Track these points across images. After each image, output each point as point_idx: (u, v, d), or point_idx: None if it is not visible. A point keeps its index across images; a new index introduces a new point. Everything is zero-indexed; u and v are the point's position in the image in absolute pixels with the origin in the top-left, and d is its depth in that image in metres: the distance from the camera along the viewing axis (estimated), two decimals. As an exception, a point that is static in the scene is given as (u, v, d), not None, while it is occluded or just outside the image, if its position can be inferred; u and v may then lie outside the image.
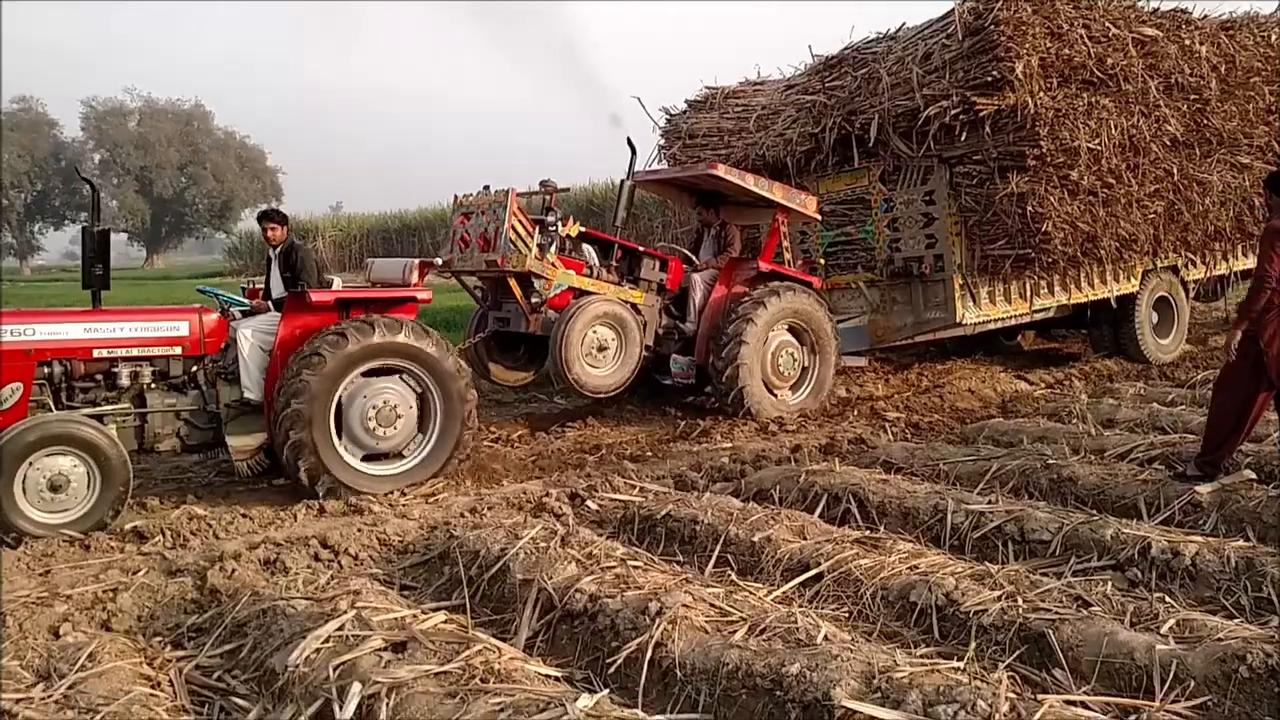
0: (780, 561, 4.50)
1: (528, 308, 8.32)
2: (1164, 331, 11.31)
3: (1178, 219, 10.67)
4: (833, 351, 9.38)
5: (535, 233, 8.20)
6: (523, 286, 8.31)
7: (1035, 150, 9.20)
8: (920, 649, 3.55)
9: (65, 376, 6.14)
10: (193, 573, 4.86)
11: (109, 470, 5.76)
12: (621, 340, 8.41)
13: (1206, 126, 10.83)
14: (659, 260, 9.15)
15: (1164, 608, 3.67)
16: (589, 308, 8.22)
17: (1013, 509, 4.95)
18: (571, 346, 8.07)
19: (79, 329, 6.17)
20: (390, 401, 6.55)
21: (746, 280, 9.18)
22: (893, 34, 10.38)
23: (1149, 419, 7.32)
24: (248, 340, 6.55)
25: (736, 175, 9.16)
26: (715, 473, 6.84)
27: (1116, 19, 10.00)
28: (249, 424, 6.57)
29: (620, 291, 8.69)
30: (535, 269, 8.15)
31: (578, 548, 4.54)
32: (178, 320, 6.51)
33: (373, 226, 45.89)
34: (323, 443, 6.30)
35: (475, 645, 3.47)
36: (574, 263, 8.62)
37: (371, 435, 6.52)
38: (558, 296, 8.38)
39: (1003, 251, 9.70)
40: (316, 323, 6.57)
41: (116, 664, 3.67)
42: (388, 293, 6.97)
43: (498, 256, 8.04)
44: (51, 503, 5.65)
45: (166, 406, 6.42)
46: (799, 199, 9.45)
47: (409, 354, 6.62)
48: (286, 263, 7.28)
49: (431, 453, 6.78)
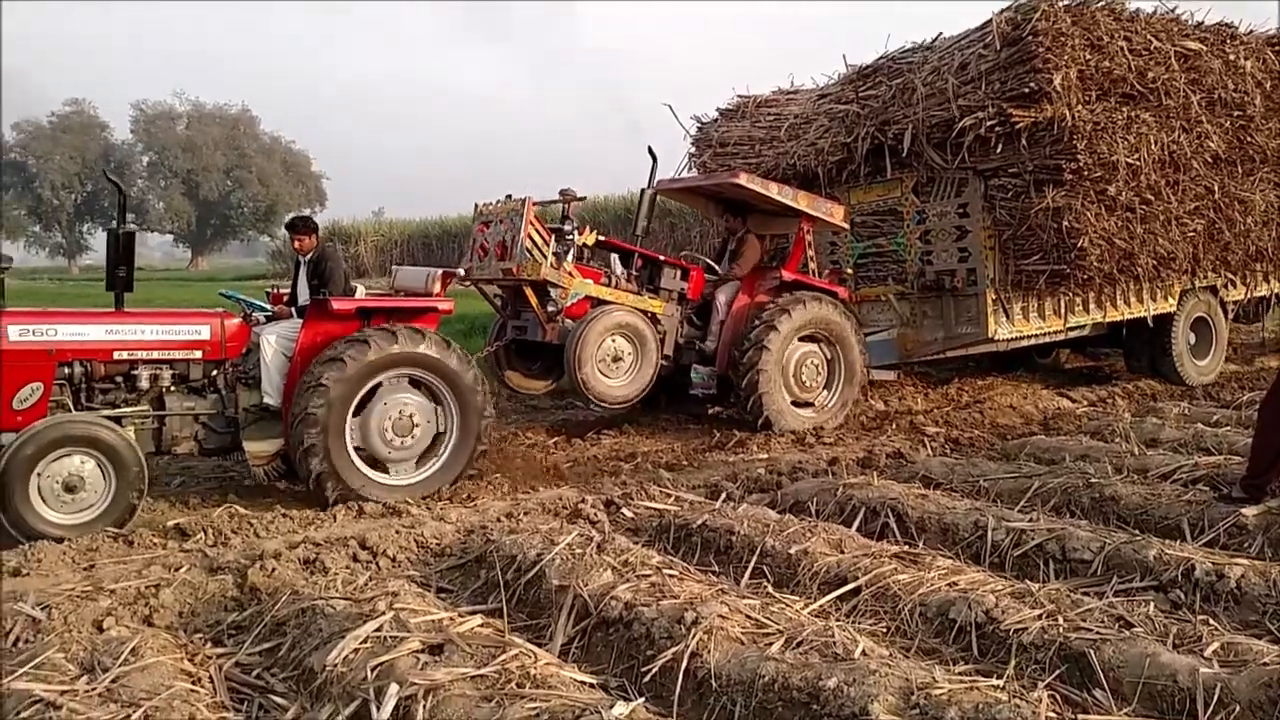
0: (817, 575, 4.47)
1: (544, 316, 8.28)
2: (1202, 353, 11.07)
3: (1218, 238, 10.47)
4: (858, 364, 9.23)
5: (551, 241, 8.16)
6: (539, 295, 8.27)
7: (1072, 164, 9.08)
8: (959, 666, 3.51)
9: (85, 377, 6.19)
10: (233, 570, 4.92)
11: (125, 472, 5.80)
12: (638, 352, 8.31)
13: (1250, 144, 10.65)
14: (680, 269, 9.07)
15: (1208, 630, 3.60)
16: (604, 318, 8.15)
17: (1054, 527, 4.88)
18: (586, 358, 8.00)
19: (100, 330, 6.21)
20: (408, 411, 6.54)
21: (770, 290, 9.11)
22: (929, 44, 10.30)
23: (1193, 439, 7.20)
24: (270, 346, 6.58)
25: (760, 184, 9.09)
26: (751, 483, 6.82)
27: (1159, 32, 9.88)
28: (267, 429, 6.60)
29: (639, 301, 8.60)
30: (551, 277, 8.10)
31: (613, 555, 4.54)
32: (199, 324, 6.54)
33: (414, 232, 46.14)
34: (336, 448, 6.29)
35: (511, 650, 3.48)
36: (591, 271, 8.57)
37: (387, 444, 6.51)
38: (575, 305, 8.31)
39: (1037, 267, 9.57)
40: (338, 330, 6.57)
41: (158, 659, 3.71)
42: (409, 302, 6.97)
43: (514, 265, 8.03)
44: (67, 503, 5.70)
45: (185, 410, 6.46)
46: (825, 208, 9.37)
47: (430, 365, 6.60)
48: (316, 270, 7.20)
49: (445, 465, 6.75)
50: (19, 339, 5.90)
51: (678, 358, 8.95)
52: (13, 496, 5.52)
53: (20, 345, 5.90)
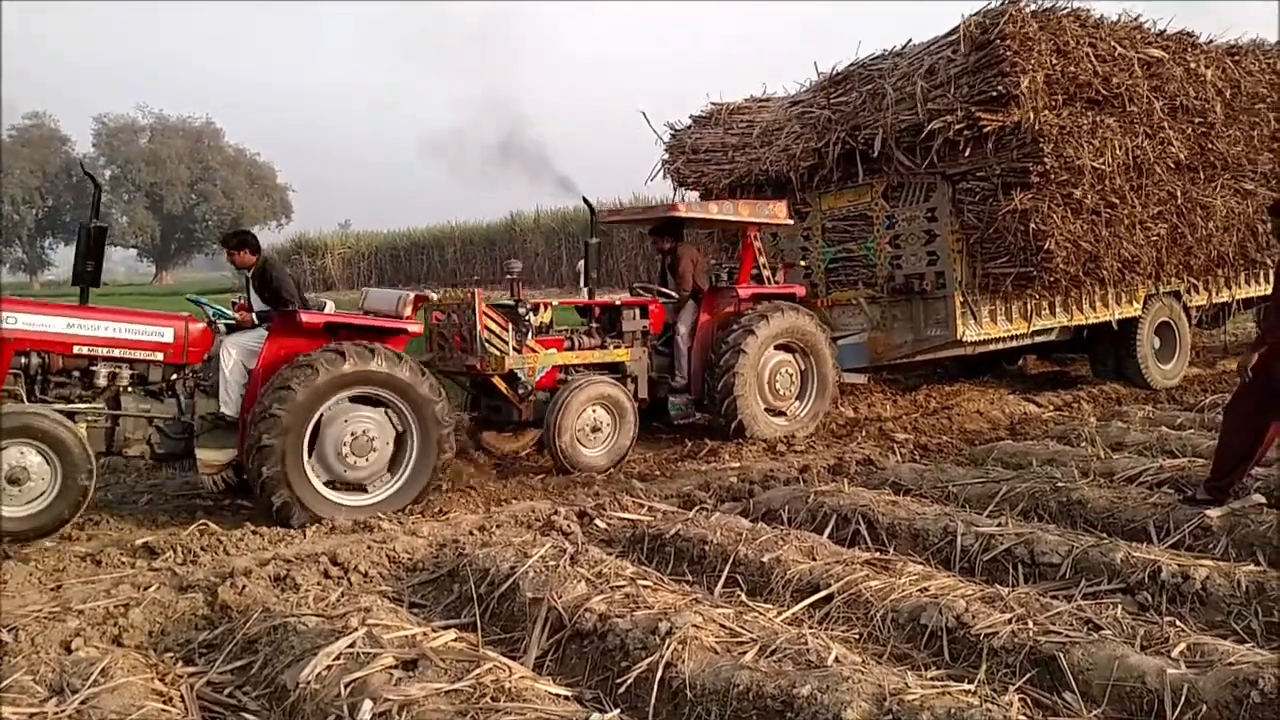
0: (790, 582, 4.50)
1: (516, 399, 8.17)
2: (1166, 357, 11.24)
3: (1181, 242, 10.65)
4: (831, 375, 9.31)
5: (509, 327, 8.03)
6: (509, 381, 8.12)
7: (1039, 167, 9.21)
8: (931, 671, 3.54)
9: (41, 369, 6.07)
10: (204, 589, 4.87)
11: (72, 468, 5.69)
12: (615, 420, 8.17)
13: (1211, 150, 10.85)
14: (638, 309, 9.01)
15: (1175, 631, 3.66)
16: (581, 392, 7.97)
17: (1022, 531, 4.94)
18: (565, 432, 7.84)
19: (61, 323, 6.10)
20: (366, 431, 6.44)
21: (729, 306, 9.14)
22: (899, 50, 10.41)
23: (1158, 442, 7.31)
24: (230, 356, 6.48)
25: (699, 209, 9.21)
26: (723, 492, 6.85)
27: (1123, 39, 10.04)
28: (220, 439, 6.49)
29: (605, 355, 8.55)
30: (515, 365, 8.00)
31: (587, 566, 4.55)
32: (163, 326, 6.44)
33: (381, 244, 46.00)
34: (296, 477, 6.18)
35: (485, 664, 3.48)
36: (553, 340, 8.47)
37: (344, 464, 6.40)
38: (545, 377, 8.23)
39: (1004, 269, 9.70)
40: (304, 345, 6.44)
41: (128, 679, 3.67)
42: (378, 322, 6.87)
43: (476, 361, 7.89)
44: (12, 495, 5.57)
45: (140, 411, 6.35)
46: (765, 210, 9.41)
47: (382, 382, 6.46)
48: (263, 283, 6.97)
49: (407, 483, 6.64)
50: None
51: (653, 393, 8.91)
52: None
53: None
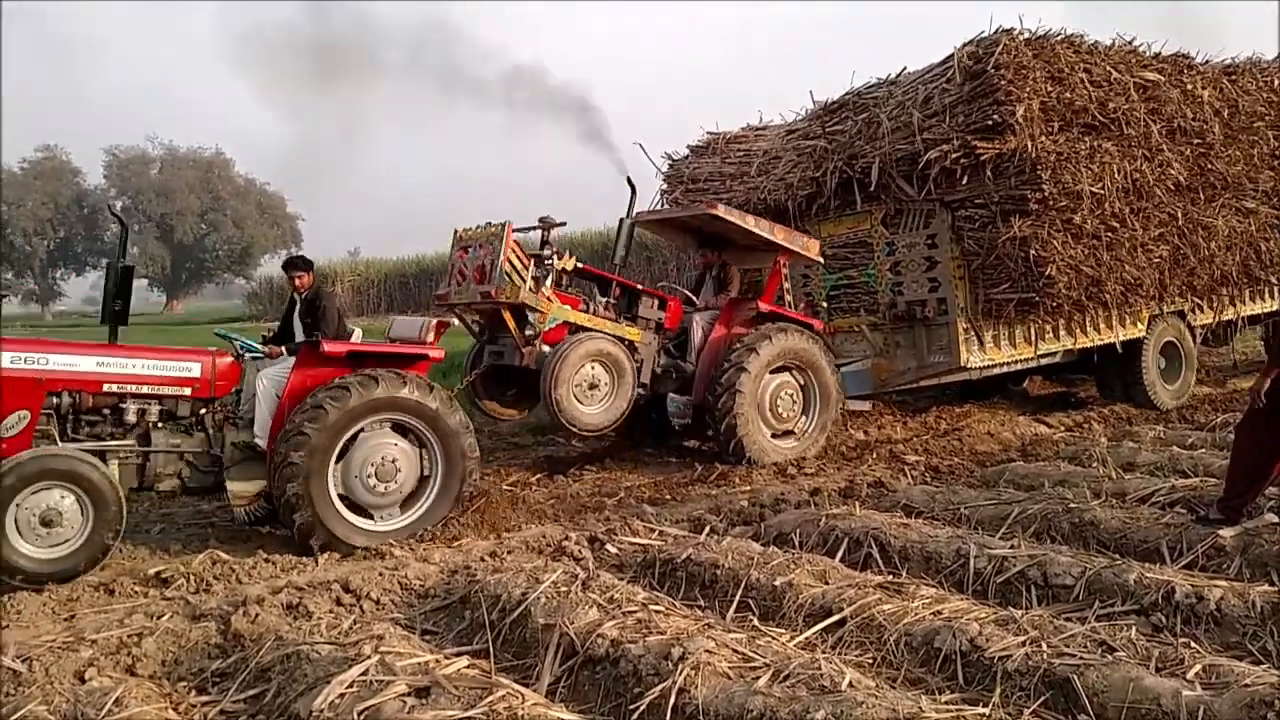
0: (802, 607, 4.49)
1: (521, 341, 8.23)
2: (1172, 377, 11.19)
3: (1183, 263, 10.63)
4: (834, 392, 9.29)
5: (530, 266, 8.18)
6: (517, 319, 8.23)
7: (1037, 194, 9.22)
8: (945, 695, 3.53)
9: (73, 408, 6.16)
10: (216, 617, 4.88)
11: (103, 510, 5.73)
12: (614, 379, 8.28)
13: (1210, 171, 10.84)
14: (658, 299, 9.11)
15: (1189, 653, 3.64)
16: (581, 345, 8.12)
17: (1035, 553, 4.93)
18: (562, 383, 7.96)
19: (92, 362, 6.20)
20: (391, 457, 6.49)
21: (746, 321, 9.16)
22: (893, 79, 10.46)
23: (1169, 462, 7.29)
24: (264, 386, 6.57)
25: (737, 216, 9.16)
26: (734, 516, 6.84)
27: (1118, 63, 10.07)
28: (250, 470, 6.55)
29: (617, 328, 8.60)
30: (529, 301, 8.10)
31: (599, 592, 4.55)
32: (190, 361, 6.53)
33: (390, 271, 46.22)
34: (319, 497, 6.23)
35: (498, 691, 3.48)
36: (570, 298, 8.58)
37: (370, 490, 6.45)
38: (552, 331, 8.30)
39: (1006, 295, 9.69)
40: (328, 374, 6.51)
41: (142, 709, 3.68)
42: (400, 348, 6.96)
43: (492, 288, 8.01)
44: (42, 537, 5.62)
45: (170, 446, 6.43)
46: (800, 241, 9.45)
47: (412, 409, 6.55)
48: (310, 309, 7.24)
49: (429, 510, 6.68)
50: (10, 366, 5.88)
51: (654, 386, 8.96)
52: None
53: (11, 372, 5.87)
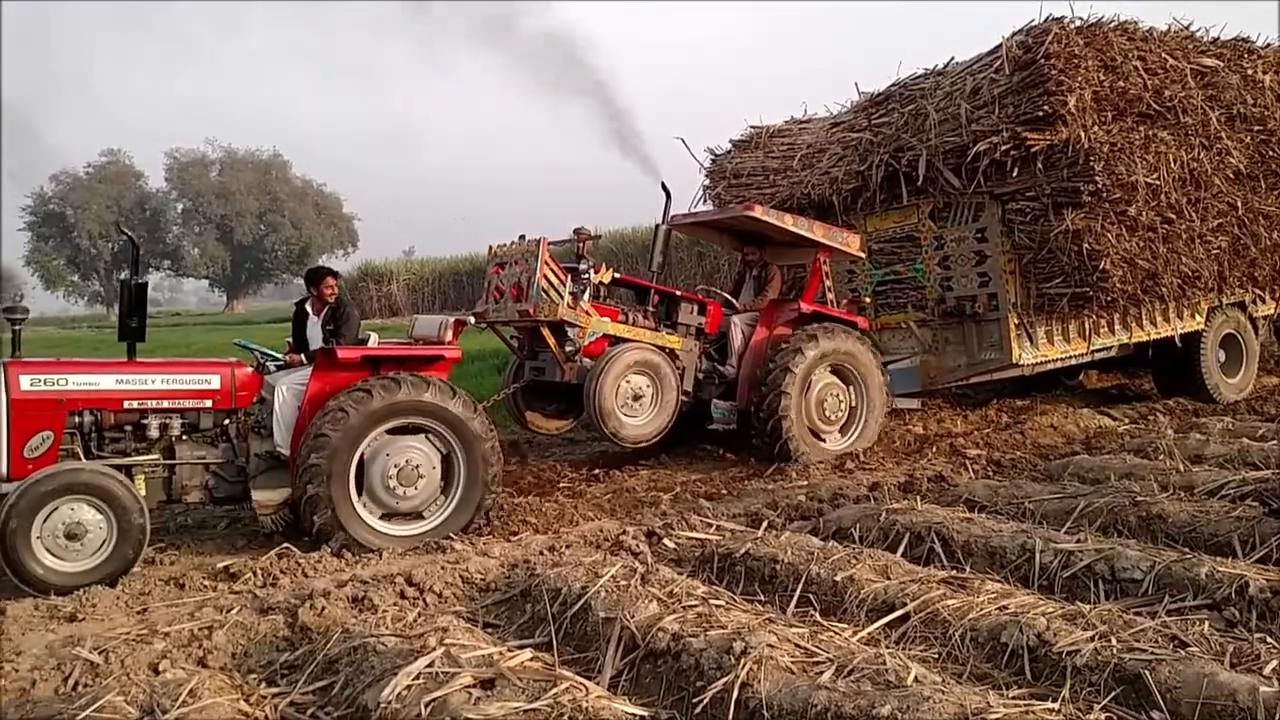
0: (864, 602, 4.46)
1: (562, 357, 8.25)
2: (1232, 370, 10.93)
3: (1244, 254, 10.34)
4: (880, 392, 9.14)
5: (567, 281, 8.18)
6: (557, 335, 8.25)
7: (1090, 186, 8.99)
8: (1013, 691, 3.48)
9: (96, 426, 6.24)
10: (284, 610, 4.97)
11: (127, 524, 5.79)
12: (657, 388, 8.26)
13: (1272, 158, 10.54)
14: (697, 304, 9.06)
15: (1265, 648, 3.55)
16: (622, 356, 8.11)
17: (1102, 547, 4.84)
18: (606, 397, 7.96)
19: (111, 380, 6.27)
20: (413, 460, 6.50)
21: (788, 322, 9.06)
22: (940, 70, 10.26)
23: (1239, 454, 7.12)
24: (283, 395, 6.63)
25: (774, 216, 9.09)
26: (792, 511, 6.81)
27: (1174, 50, 9.80)
28: (275, 478, 6.60)
29: (657, 337, 8.58)
30: (568, 317, 8.11)
31: (658, 586, 4.55)
32: (209, 374, 6.59)
33: (444, 270, 46.56)
34: (340, 498, 6.27)
35: (562, 683, 3.50)
36: (608, 309, 8.57)
37: (391, 494, 6.47)
38: (593, 344, 8.31)
39: (1059, 290, 9.47)
40: (345, 380, 6.54)
41: (215, 700, 3.76)
42: (416, 350, 6.96)
43: (530, 306, 8.01)
44: (67, 550, 5.69)
45: (195, 458, 6.48)
46: (841, 237, 9.34)
47: (434, 413, 6.55)
48: (333, 316, 7.33)
49: (453, 514, 6.67)
50: (30, 388, 5.98)
51: (697, 392, 8.92)
52: (15, 541, 5.53)
53: (31, 395, 5.98)
